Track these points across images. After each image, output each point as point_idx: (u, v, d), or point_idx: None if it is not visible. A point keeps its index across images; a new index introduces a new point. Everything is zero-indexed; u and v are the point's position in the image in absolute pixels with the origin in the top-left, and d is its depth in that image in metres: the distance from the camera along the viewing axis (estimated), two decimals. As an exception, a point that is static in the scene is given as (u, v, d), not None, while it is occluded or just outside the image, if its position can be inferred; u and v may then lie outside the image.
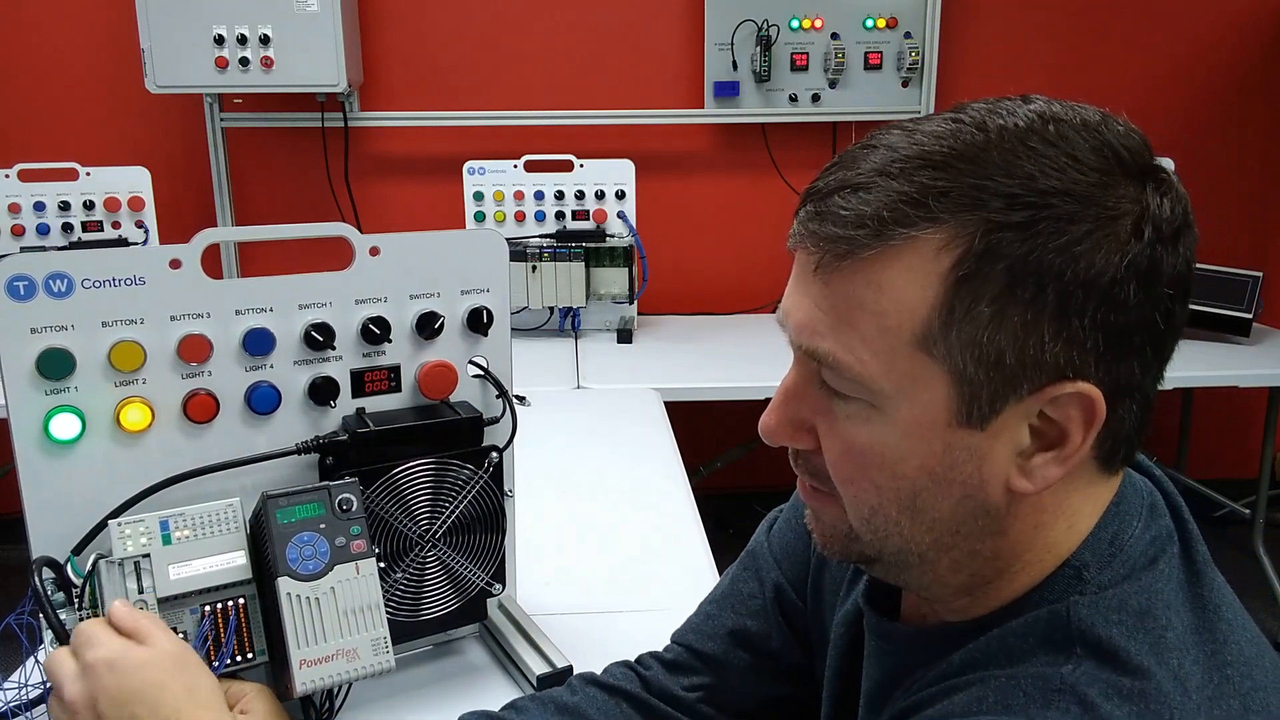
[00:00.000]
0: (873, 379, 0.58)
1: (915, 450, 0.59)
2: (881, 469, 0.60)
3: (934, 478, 0.59)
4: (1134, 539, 0.62)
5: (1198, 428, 3.23)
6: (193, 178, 2.92)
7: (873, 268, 0.56)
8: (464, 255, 0.99)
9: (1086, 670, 0.56)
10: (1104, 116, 0.58)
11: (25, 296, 0.82)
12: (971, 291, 0.55)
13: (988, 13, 2.97)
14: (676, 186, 3.04)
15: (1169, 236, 0.56)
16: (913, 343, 0.56)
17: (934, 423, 0.58)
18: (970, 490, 0.59)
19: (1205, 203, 3.14)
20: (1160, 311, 0.56)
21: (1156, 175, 0.57)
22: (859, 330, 0.57)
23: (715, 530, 2.15)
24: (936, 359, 0.56)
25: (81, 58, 2.85)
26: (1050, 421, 0.57)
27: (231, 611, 0.85)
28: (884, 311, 0.56)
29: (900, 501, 0.61)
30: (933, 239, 0.55)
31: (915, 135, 0.58)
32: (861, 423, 0.60)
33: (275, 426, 0.94)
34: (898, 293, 0.56)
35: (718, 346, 2.64)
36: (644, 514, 1.53)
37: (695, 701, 0.91)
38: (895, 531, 0.62)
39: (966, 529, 0.61)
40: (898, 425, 0.58)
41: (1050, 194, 0.54)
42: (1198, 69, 3.06)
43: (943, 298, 0.55)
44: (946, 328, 0.55)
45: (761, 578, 0.93)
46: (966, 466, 0.59)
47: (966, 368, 0.56)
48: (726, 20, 2.84)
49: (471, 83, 2.95)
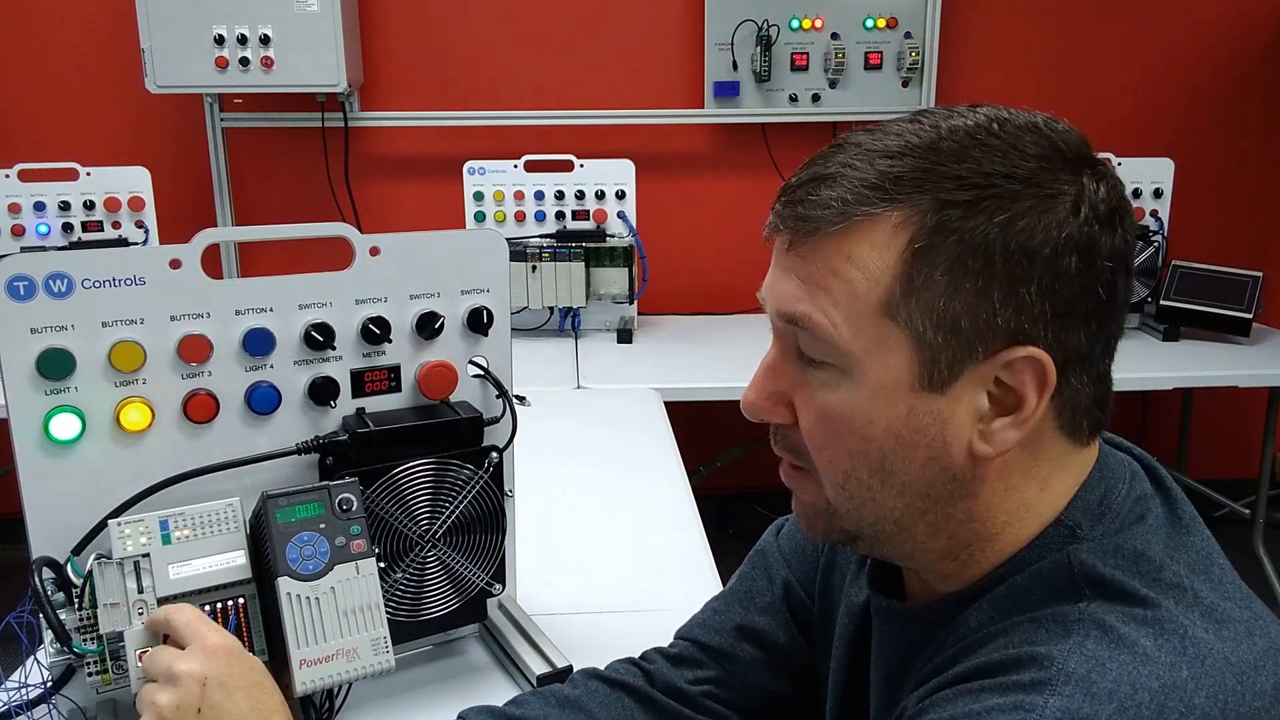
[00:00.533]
0: (843, 341, 0.63)
1: (881, 413, 0.64)
2: (851, 433, 0.65)
3: (900, 440, 0.64)
4: (1120, 499, 0.66)
5: (1198, 428, 3.23)
6: (193, 178, 2.92)
7: (841, 241, 0.63)
8: (464, 255, 0.99)
9: (1100, 604, 0.61)
10: (1047, 119, 0.65)
11: (25, 296, 0.82)
12: (927, 263, 0.61)
13: (988, 13, 2.97)
14: (676, 186, 3.04)
15: (1105, 216, 0.62)
16: (878, 309, 0.62)
17: (898, 386, 0.63)
18: (935, 453, 0.64)
19: (1205, 203, 3.17)
20: (1102, 284, 0.62)
21: (1093, 164, 0.64)
22: (832, 296, 0.63)
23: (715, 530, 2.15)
24: (899, 324, 0.62)
25: (81, 58, 2.85)
26: (1006, 388, 0.62)
27: (231, 611, 0.85)
28: (852, 279, 0.62)
29: (870, 465, 0.65)
30: (891, 217, 0.61)
31: (876, 134, 0.65)
32: (833, 389, 0.65)
33: (275, 426, 0.94)
34: (864, 263, 0.62)
35: (718, 346, 2.64)
36: (644, 514, 1.53)
37: (699, 695, 0.91)
38: (868, 497, 0.66)
39: (936, 492, 0.65)
40: (866, 389, 0.63)
41: (994, 176, 0.60)
42: (1198, 69, 3.06)
43: (902, 268, 0.61)
44: (907, 295, 0.61)
45: (770, 575, 0.94)
46: (930, 429, 0.63)
47: (926, 333, 0.61)
48: (726, 20, 2.84)
49: (471, 83, 2.95)
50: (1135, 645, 0.57)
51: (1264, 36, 3.05)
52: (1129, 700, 0.55)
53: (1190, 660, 0.57)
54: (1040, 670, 0.57)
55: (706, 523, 1.48)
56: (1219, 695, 0.56)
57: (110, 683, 0.84)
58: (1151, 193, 2.65)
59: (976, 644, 0.64)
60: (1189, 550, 0.65)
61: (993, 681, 0.59)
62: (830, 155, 0.65)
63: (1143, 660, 0.57)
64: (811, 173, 0.65)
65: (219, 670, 0.74)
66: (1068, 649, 0.58)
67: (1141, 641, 0.58)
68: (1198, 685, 0.56)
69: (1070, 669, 0.57)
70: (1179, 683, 0.56)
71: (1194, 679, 0.56)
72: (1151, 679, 0.56)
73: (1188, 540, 0.66)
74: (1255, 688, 0.58)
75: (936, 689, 0.63)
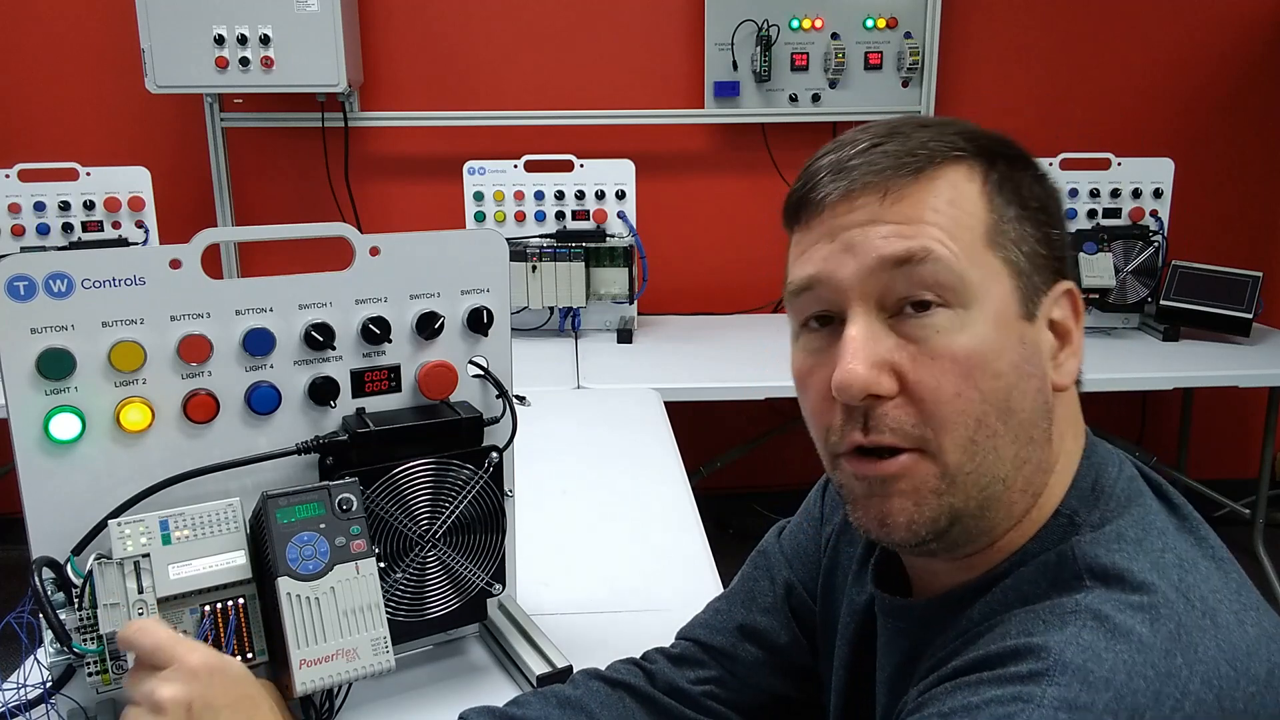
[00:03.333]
0: (965, 270, 0.65)
1: (1006, 344, 0.65)
2: (984, 369, 0.65)
3: (1020, 373, 0.66)
4: (1112, 482, 0.68)
5: (1198, 428, 3.23)
6: (193, 178, 2.92)
7: (936, 184, 0.66)
8: (464, 255, 0.99)
9: (1098, 594, 0.61)
10: None
11: (25, 296, 0.82)
12: (1003, 201, 0.67)
13: (988, 13, 2.97)
14: (676, 186, 3.04)
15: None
16: (984, 239, 0.66)
17: (1010, 315, 0.66)
18: (1041, 384, 0.67)
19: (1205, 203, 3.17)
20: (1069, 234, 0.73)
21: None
22: (943, 229, 0.65)
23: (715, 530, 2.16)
24: (998, 255, 0.66)
25: (81, 58, 2.85)
26: (1056, 323, 0.69)
27: (231, 611, 0.85)
28: (956, 216, 0.66)
29: (999, 405, 0.65)
30: (961, 165, 0.67)
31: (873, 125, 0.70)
32: (957, 330, 0.65)
33: (275, 426, 0.94)
34: (960, 201, 0.66)
35: (718, 346, 2.64)
36: (644, 514, 1.53)
37: (700, 695, 0.92)
38: (991, 447, 0.65)
39: (1036, 433, 0.67)
40: (989, 321, 0.65)
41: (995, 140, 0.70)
42: (1197, 69, 3.06)
43: (989, 204, 0.67)
44: (1000, 226, 0.66)
45: (773, 576, 0.95)
46: (1035, 359, 0.67)
47: (1019, 262, 0.66)
48: (726, 20, 2.84)
49: (471, 83, 2.95)
50: (1131, 634, 0.58)
51: (1264, 36, 3.05)
52: (1125, 688, 0.55)
53: (1185, 647, 0.58)
54: (1037, 661, 0.58)
55: (706, 523, 1.48)
56: (1214, 681, 0.57)
57: (110, 683, 0.84)
58: (1151, 193, 2.65)
59: (976, 636, 0.65)
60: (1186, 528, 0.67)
61: (990, 674, 0.59)
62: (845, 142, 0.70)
63: (1138, 648, 0.57)
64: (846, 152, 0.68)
65: (203, 692, 0.72)
66: (1064, 639, 0.58)
67: (1137, 629, 0.58)
68: (1192, 672, 0.57)
69: (1067, 659, 0.57)
70: (1174, 670, 0.56)
71: (1189, 666, 0.57)
72: (1147, 667, 0.56)
73: (1187, 524, 0.67)
74: (1249, 673, 0.58)
75: (936, 682, 0.63)
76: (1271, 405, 2.67)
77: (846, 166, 0.67)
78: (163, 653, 0.74)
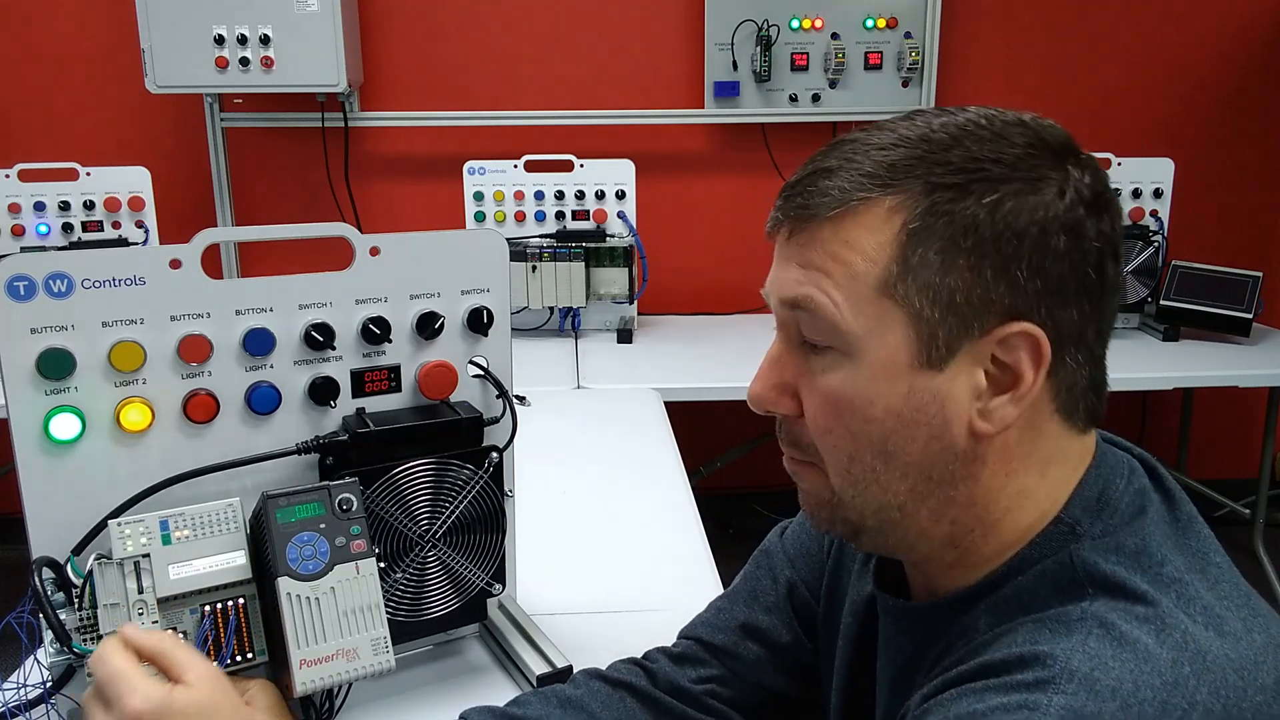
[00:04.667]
0: (844, 320, 0.65)
1: (882, 392, 0.65)
2: (854, 414, 0.66)
3: (901, 420, 0.65)
4: (1119, 494, 0.67)
5: (1198, 428, 3.23)
6: (193, 178, 2.92)
7: (839, 227, 0.65)
8: (464, 255, 0.99)
9: (1103, 602, 0.61)
10: (1034, 116, 0.67)
11: (25, 296, 0.82)
12: (921, 242, 0.63)
13: (988, 13, 2.97)
14: (676, 186, 3.04)
15: (1090, 201, 0.64)
16: (877, 288, 0.64)
17: (898, 364, 0.65)
18: (935, 432, 0.65)
19: (1205, 203, 3.17)
20: (1091, 264, 0.64)
21: (1077, 155, 0.66)
22: (832, 278, 0.65)
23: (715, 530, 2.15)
24: (897, 303, 0.64)
25: (81, 58, 2.85)
26: (1003, 365, 0.64)
27: (231, 612, 0.85)
28: (852, 262, 0.65)
29: (873, 446, 0.66)
30: (885, 202, 0.64)
31: (872, 131, 0.67)
32: (835, 371, 0.67)
33: (275, 426, 0.94)
34: (862, 246, 0.64)
35: (718, 346, 2.64)
36: (644, 514, 1.53)
37: (702, 694, 0.92)
38: (872, 480, 0.67)
39: (938, 474, 0.66)
40: (866, 369, 0.65)
41: (983, 161, 0.63)
42: (1197, 69, 3.06)
43: (898, 249, 0.64)
44: (904, 274, 0.63)
45: (775, 575, 0.95)
46: (930, 408, 0.65)
47: (923, 310, 0.63)
48: (726, 20, 2.84)
49: (471, 83, 2.95)
50: (1137, 643, 0.58)
51: (1263, 36, 3.05)
52: (1132, 698, 0.55)
53: (1192, 657, 0.57)
54: (1043, 669, 0.58)
55: (706, 523, 1.48)
56: (1221, 691, 0.57)
57: (110, 683, 0.84)
58: (1151, 193, 2.65)
59: (980, 645, 0.64)
60: (1188, 547, 0.66)
61: (996, 681, 0.59)
62: (829, 152, 0.68)
63: (1145, 658, 0.57)
64: (811, 168, 0.68)
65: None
66: (1070, 647, 0.58)
67: (1144, 639, 0.58)
68: (1199, 682, 0.56)
69: (1073, 667, 0.57)
70: (1181, 680, 0.56)
71: (1196, 675, 0.57)
72: (1154, 676, 0.56)
73: (1187, 537, 0.67)
74: (1256, 683, 0.58)
75: (940, 689, 0.63)
76: (1271, 405, 2.67)
77: (792, 194, 0.68)
78: (110, 688, 0.73)
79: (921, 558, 0.72)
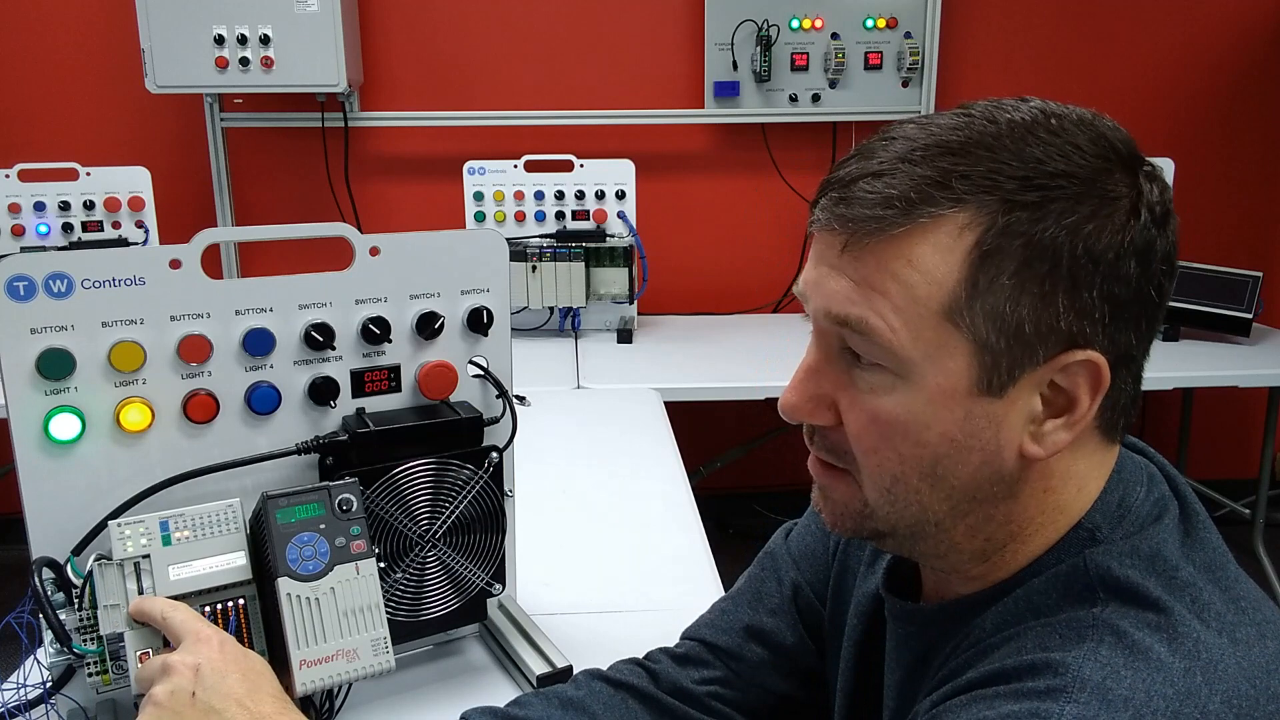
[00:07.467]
0: (902, 346, 0.61)
1: (939, 418, 0.62)
2: (906, 437, 0.63)
3: (955, 445, 0.63)
4: (1139, 502, 0.66)
5: (1198, 428, 3.23)
6: (193, 178, 2.92)
7: (903, 244, 0.60)
8: (464, 255, 0.99)
9: (1114, 609, 0.60)
10: (1095, 114, 0.64)
11: (25, 296, 0.82)
12: (994, 265, 0.59)
13: (988, 13, 2.97)
14: (676, 186, 3.04)
15: (1159, 218, 0.62)
16: (940, 313, 0.60)
17: (956, 390, 0.61)
18: (988, 457, 0.63)
19: (1205, 203, 3.17)
20: (1154, 286, 0.62)
21: (1144, 165, 0.63)
22: (890, 300, 0.61)
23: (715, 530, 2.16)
24: (961, 329, 0.60)
25: (81, 58, 2.84)
26: (1059, 390, 0.62)
27: (231, 612, 0.85)
28: (914, 283, 0.60)
29: (922, 469, 0.64)
30: (957, 217, 0.59)
31: (929, 128, 0.62)
32: (886, 392, 0.63)
33: (275, 426, 0.94)
34: (926, 266, 0.60)
35: (718, 346, 2.64)
36: (644, 514, 1.53)
37: (705, 695, 0.91)
38: (915, 500, 0.65)
39: (982, 494, 0.64)
40: (922, 394, 0.62)
41: (1058, 176, 0.59)
42: (1197, 69, 3.06)
43: (967, 271, 0.59)
44: (971, 299, 0.60)
45: (779, 577, 0.94)
46: (985, 433, 0.62)
47: (989, 337, 0.60)
48: (726, 20, 2.84)
49: (471, 83, 2.95)
50: (1150, 651, 0.57)
51: (1263, 36, 3.05)
52: (1145, 707, 0.55)
53: (1204, 666, 0.57)
54: (1055, 677, 0.57)
55: (706, 523, 1.48)
56: (1233, 700, 0.56)
57: (110, 683, 0.84)
58: (1151, 193, 2.65)
59: (990, 648, 0.64)
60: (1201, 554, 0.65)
61: (1007, 688, 0.59)
62: (879, 149, 0.63)
63: (1157, 667, 0.57)
64: (861, 167, 0.62)
65: (211, 656, 0.75)
66: (1082, 655, 0.58)
67: (1156, 648, 0.58)
68: (1212, 691, 0.56)
69: (1085, 676, 0.56)
70: (1193, 689, 0.56)
71: (1208, 684, 0.56)
72: (1166, 685, 0.56)
73: (1201, 544, 0.66)
74: (1269, 692, 0.58)
75: (950, 694, 0.62)
76: (1271, 405, 2.67)
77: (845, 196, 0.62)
78: (184, 626, 0.79)
79: (949, 567, 0.70)
